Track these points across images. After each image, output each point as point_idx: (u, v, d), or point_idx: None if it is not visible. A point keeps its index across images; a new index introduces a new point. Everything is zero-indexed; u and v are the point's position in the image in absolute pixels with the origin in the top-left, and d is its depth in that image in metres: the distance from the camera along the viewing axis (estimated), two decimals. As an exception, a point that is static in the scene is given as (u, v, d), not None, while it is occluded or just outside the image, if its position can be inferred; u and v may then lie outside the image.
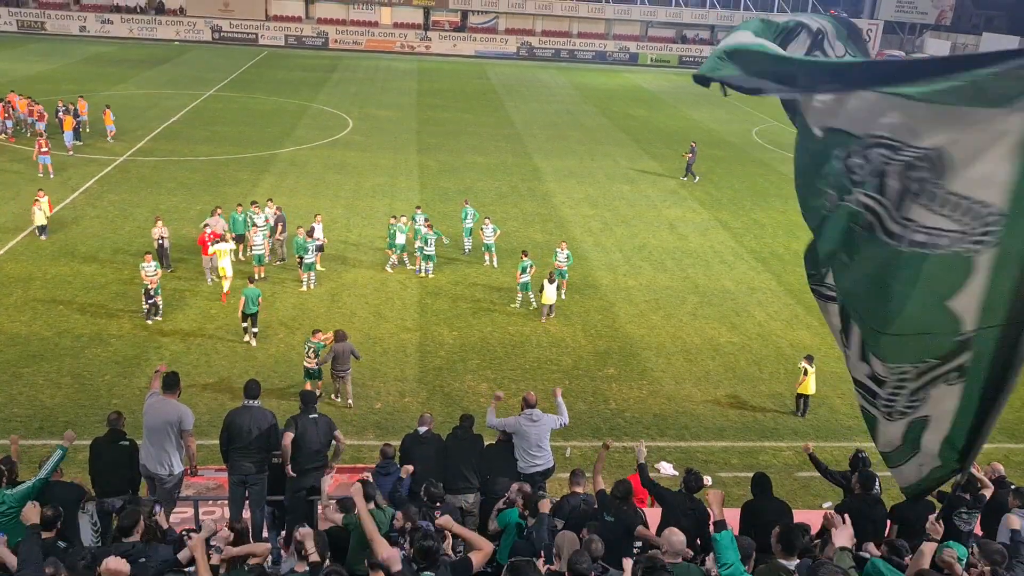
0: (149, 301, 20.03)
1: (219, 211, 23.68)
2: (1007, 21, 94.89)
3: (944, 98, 5.30)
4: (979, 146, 5.25)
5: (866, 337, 6.24)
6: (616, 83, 67.79)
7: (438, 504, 9.48)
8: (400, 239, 23.84)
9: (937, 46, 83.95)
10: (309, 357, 17.08)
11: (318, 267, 23.44)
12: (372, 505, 8.81)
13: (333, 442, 10.87)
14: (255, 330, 19.49)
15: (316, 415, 10.74)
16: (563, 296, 22.84)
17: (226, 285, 21.49)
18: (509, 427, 11.57)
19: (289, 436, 10.42)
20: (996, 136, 5.18)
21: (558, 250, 23.15)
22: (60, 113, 35.31)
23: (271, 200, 25.66)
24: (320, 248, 23.71)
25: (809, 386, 17.80)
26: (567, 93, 60.59)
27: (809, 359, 17.94)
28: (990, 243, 5.27)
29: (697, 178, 36.78)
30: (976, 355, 5.56)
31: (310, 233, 22.68)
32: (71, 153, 33.84)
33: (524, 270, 22.33)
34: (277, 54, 70.76)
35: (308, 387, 16.54)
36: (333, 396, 17.38)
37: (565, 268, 22.81)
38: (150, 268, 20.20)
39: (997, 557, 7.38)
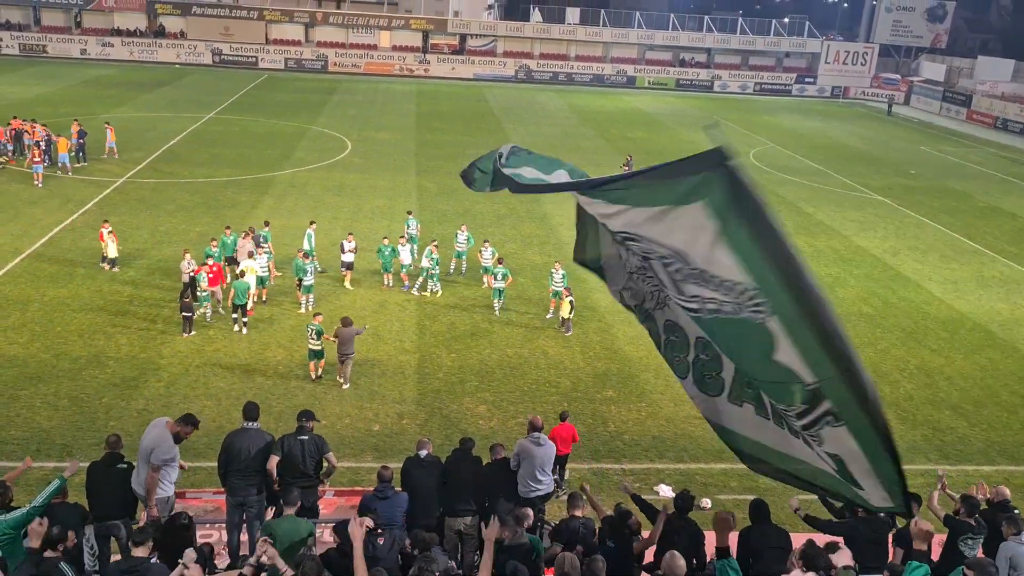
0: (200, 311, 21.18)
1: (214, 243, 23.71)
2: (1001, 44, 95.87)
3: (648, 200, 6.26)
4: (696, 238, 5.93)
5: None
6: (614, 106, 68.19)
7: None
8: (407, 256, 24.35)
9: (932, 70, 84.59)
10: (312, 339, 18.59)
11: (347, 285, 24.37)
12: (293, 511, 9.19)
13: (325, 463, 10.83)
14: (245, 319, 21.08)
15: (306, 436, 10.71)
16: (560, 316, 22.93)
17: (249, 303, 22.12)
18: (517, 449, 11.54)
19: (275, 460, 10.42)
20: (699, 229, 5.86)
21: (553, 271, 23.26)
22: (53, 136, 35.41)
23: (300, 220, 25.96)
24: (350, 265, 24.48)
25: None
26: (565, 116, 60.93)
27: None
28: (767, 312, 5.78)
29: None
30: (837, 401, 6.04)
31: (306, 255, 22.73)
32: (69, 173, 33.96)
33: (496, 276, 23.10)
34: (277, 77, 71.19)
35: (312, 367, 18.87)
36: (338, 378, 18.74)
37: (561, 288, 22.91)
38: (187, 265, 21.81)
39: (991, 570, 7.37)
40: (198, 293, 21.43)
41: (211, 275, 21.74)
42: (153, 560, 7.83)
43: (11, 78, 58.90)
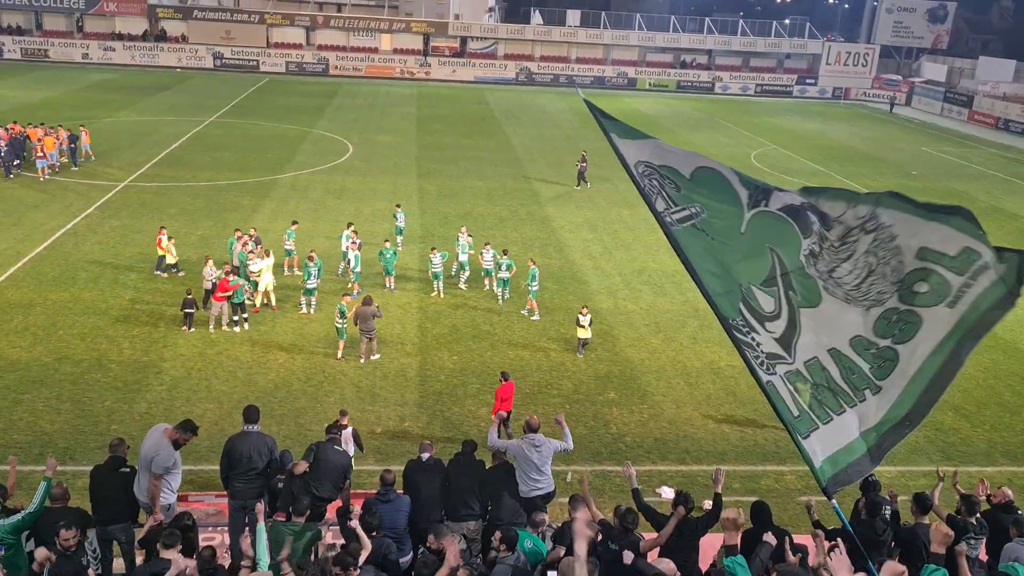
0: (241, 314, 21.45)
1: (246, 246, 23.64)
2: (1002, 45, 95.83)
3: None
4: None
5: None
6: (615, 108, 68.15)
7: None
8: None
9: (934, 70, 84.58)
10: (337, 318, 20.12)
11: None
12: (301, 520, 9.21)
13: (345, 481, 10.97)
14: (245, 315, 21.50)
15: (339, 447, 10.94)
16: (535, 317, 23.39)
17: (273, 299, 22.93)
18: (511, 450, 11.54)
19: (303, 465, 10.55)
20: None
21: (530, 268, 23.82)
22: (43, 135, 35.51)
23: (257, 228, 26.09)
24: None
25: None
26: (566, 118, 60.96)
27: None
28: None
29: (589, 185, 39.14)
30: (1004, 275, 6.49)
31: (310, 258, 22.75)
32: (55, 169, 34.49)
33: (501, 267, 23.96)
34: (278, 81, 71.29)
35: (340, 345, 20.17)
36: (359, 357, 19.98)
37: (534, 287, 23.37)
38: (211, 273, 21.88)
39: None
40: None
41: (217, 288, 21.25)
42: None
43: (13, 82, 59.03)
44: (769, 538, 8.63)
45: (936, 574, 6.93)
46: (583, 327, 21.12)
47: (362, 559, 8.51)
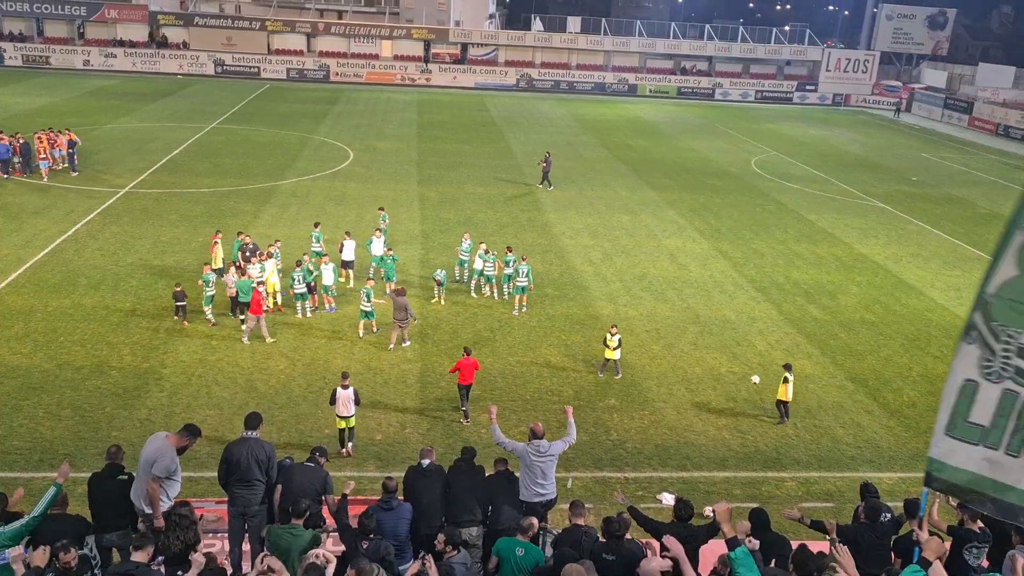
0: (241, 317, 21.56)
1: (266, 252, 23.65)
2: (1003, 52, 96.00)
3: None
4: None
5: None
6: (615, 114, 68.31)
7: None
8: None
9: (934, 77, 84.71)
10: (364, 301, 21.27)
11: (349, 285, 24.74)
12: (300, 522, 9.32)
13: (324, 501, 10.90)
14: (244, 317, 21.32)
15: (312, 463, 10.84)
16: (524, 309, 24.01)
17: (275, 300, 23.06)
18: (516, 452, 11.54)
19: (278, 489, 10.54)
20: None
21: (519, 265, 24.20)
22: (38, 142, 35.62)
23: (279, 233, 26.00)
24: (350, 264, 25.20)
25: (787, 393, 18.44)
26: (566, 124, 61.04)
27: (788, 367, 18.63)
28: None
29: (552, 186, 39.59)
30: None
31: (298, 263, 22.64)
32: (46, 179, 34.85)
33: (508, 264, 24.59)
34: (279, 87, 71.41)
35: (362, 326, 21.59)
36: (391, 346, 21.03)
37: (525, 283, 23.87)
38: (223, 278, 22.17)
39: None
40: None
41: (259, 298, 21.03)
42: (153, 566, 7.81)
43: (15, 89, 59.17)
44: (752, 544, 8.71)
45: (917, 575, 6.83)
46: (610, 347, 20.32)
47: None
